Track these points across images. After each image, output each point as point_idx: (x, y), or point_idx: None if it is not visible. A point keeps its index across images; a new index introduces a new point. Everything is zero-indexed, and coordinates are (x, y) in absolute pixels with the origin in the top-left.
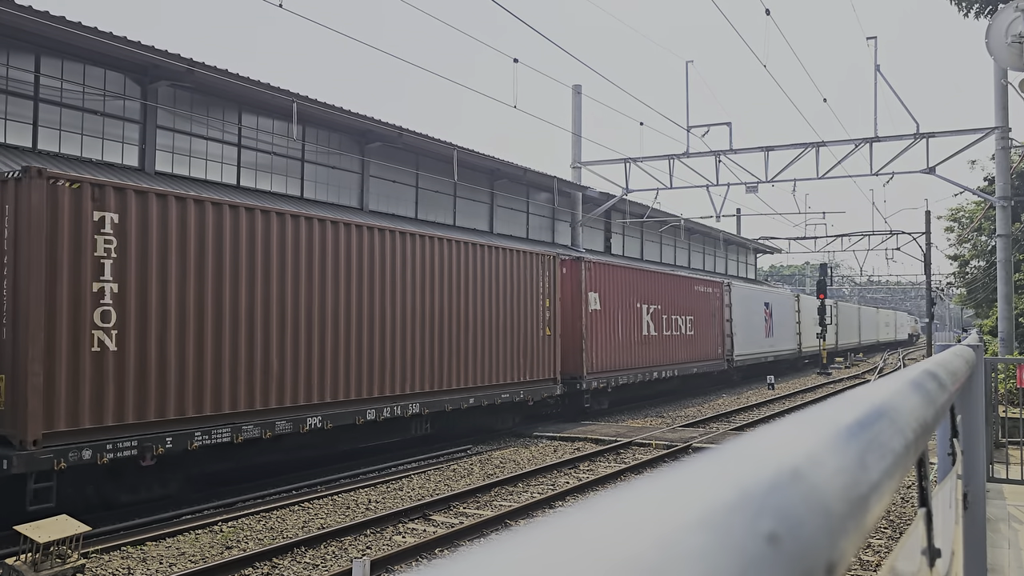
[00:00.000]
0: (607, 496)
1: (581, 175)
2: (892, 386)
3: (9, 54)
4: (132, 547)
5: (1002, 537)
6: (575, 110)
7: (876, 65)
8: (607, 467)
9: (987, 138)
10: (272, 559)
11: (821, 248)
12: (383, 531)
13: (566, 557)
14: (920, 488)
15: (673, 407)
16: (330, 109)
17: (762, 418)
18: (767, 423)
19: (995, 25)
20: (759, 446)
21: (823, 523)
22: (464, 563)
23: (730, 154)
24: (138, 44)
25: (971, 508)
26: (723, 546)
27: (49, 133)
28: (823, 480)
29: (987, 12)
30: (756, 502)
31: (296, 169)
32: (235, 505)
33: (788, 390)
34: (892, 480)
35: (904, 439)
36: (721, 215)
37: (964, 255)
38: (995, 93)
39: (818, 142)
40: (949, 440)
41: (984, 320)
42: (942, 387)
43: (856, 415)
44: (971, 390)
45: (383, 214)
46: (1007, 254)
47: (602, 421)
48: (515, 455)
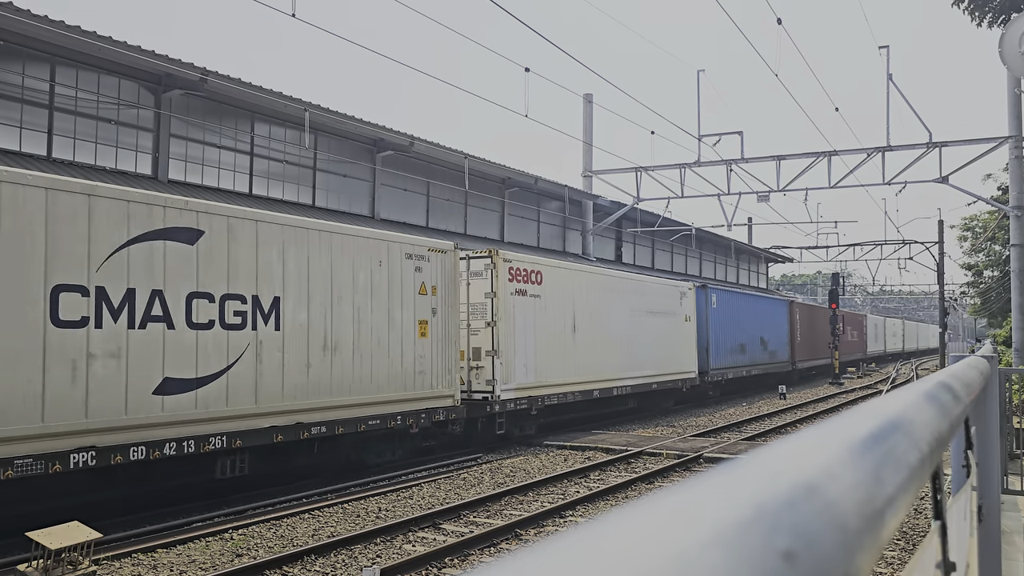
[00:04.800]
0: (621, 511)
1: (592, 184)
2: (906, 398)
3: (25, 63)
4: (143, 554)
5: (1017, 550)
6: (586, 119)
7: (888, 74)
8: (618, 476)
9: (1000, 147)
10: (283, 567)
11: (833, 257)
12: (393, 539)
13: (581, 574)
14: (935, 501)
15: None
16: (342, 118)
17: (775, 427)
18: (780, 435)
19: (1009, 34)
20: (774, 460)
21: (839, 539)
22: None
23: (741, 163)
24: (152, 53)
25: (986, 520)
26: (739, 563)
27: (64, 141)
28: (839, 495)
29: (1000, 21)
30: (772, 518)
31: (308, 178)
32: (245, 513)
33: (800, 400)
34: (907, 494)
35: (919, 452)
36: (733, 224)
37: (978, 265)
38: (1008, 102)
39: (830, 151)
40: (963, 452)
41: (998, 330)
42: (956, 399)
43: (871, 428)
44: (985, 401)
45: (394, 223)
46: (1022, 264)
47: (612, 430)
48: (525, 464)
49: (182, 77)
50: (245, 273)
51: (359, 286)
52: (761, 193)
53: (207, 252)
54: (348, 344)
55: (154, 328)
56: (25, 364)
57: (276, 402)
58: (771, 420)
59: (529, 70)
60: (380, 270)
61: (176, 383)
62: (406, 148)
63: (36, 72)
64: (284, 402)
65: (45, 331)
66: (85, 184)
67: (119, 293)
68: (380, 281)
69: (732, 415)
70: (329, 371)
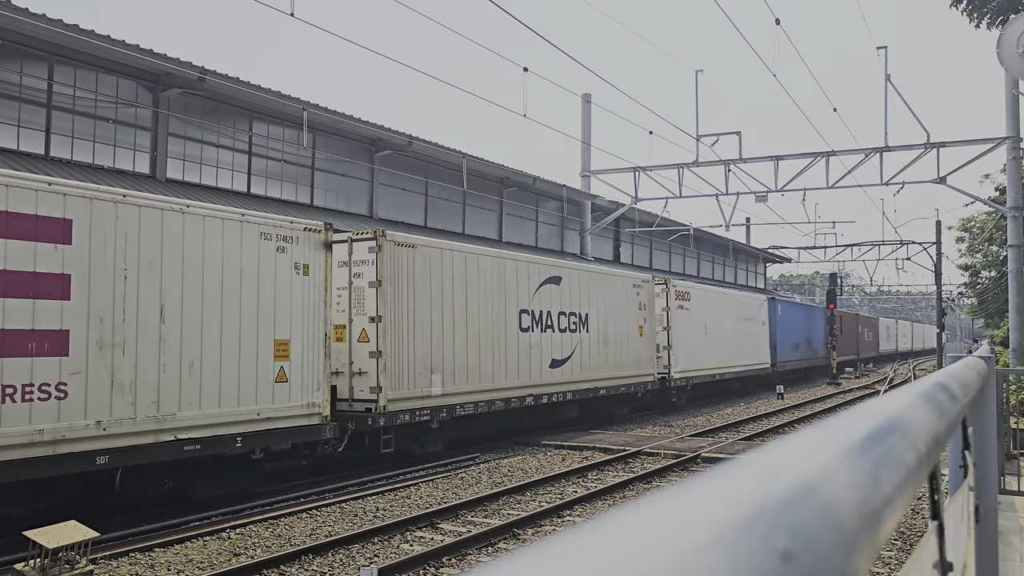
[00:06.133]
0: (618, 512)
1: (590, 184)
2: (904, 399)
3: (23, 62)
4: (140, 553)
5: (1014, 550)
6: (584, 119)
7: (887, 75)
8: (615, 476)
9: (998, 148)
10: (280, 566)
11: (831, 258)
12: (391, 539)
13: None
14: (932, 501)
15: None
16: (340, 117)
17: (772, 427)
18: (778, 435)
19: (1006, 35)
20: (771, 461)
21: (837, 539)
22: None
23: (739, 163)
24: (150, 52)
25: (983, 521)
26: (737, 564)
27: (62, 140)
28: (836, 496)
29: (999, 22)
30: (770, 519)
31: (306, 177)
32: (243, 512)
33: (798, 400)
34: (905, 494)
35: (917, 453)
36: (730, 224)
37: (975, 265)
38: (1006, 103)
39: (828, 151)
40: (961, 452)
41: (995, 331)
42: (954, 399)
43: (868, 429)
44: (982, 402)
45: (392, 222)
46: (1018, 264)
47: (610, 431)
48: (523, 463)
49: (180, 76)
50: (576, 299)
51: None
52: (759, 193)
53: (568, 290)
54: (616, 340)
55: (548, 333)
56: (499, 355)
57: (588, 374)
58: (770, 419)
59: (527, 70)
60: (635, 298)
61: (556, 361)
62: (404, 147)
63: (34, 71)
64: (590, 374)
65: (518, 337)
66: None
67: (540, 312)
68: (626, 303)
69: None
70: (606, 357)
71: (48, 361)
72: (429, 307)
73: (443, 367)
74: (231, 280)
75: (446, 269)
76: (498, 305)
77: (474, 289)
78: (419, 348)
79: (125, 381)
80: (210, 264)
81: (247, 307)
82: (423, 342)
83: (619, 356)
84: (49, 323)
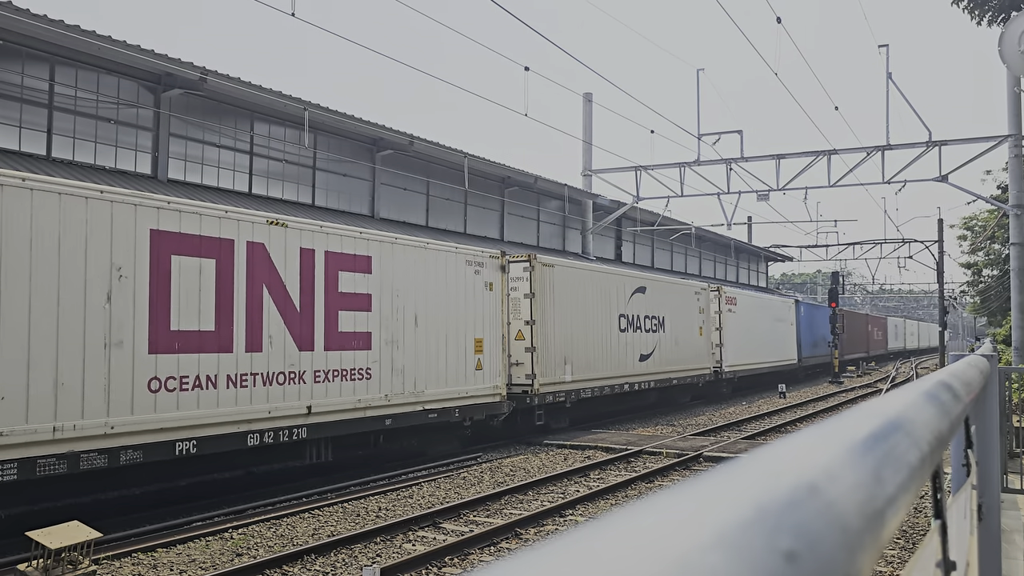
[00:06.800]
0: (621, 513)
1: (592, 183)
2: (906, 398)
3: (24, 63)
4: (143, 553)
5: (1017, 548)
6: (586, 118)
7: (888, 73)
8: (618, 475)
9: (1000, 146)
10: (282, 566)
11: (833, 256)
12: (393, 539)
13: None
14: (935, 500)
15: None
16: (341, 117)
17: (774, 426)
18: (781, 435)
19: (1008, 33)
20: (775, 461)
21: (841, 539)
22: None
23: (741, 162)
24: (151, 52)
25: (986, 519)
26: (741, 564)
27: (63, 141)
28: (840, 495)
29: (1000, 20)
30: (773, 519)
31: (308, 177)
32: (245, 512)
33: (800, 399)
34: (908, 494)
35: (920, 452)
36: (732, 223)
37: (977, 263)
38: (1008, 101)
39: (829, 150)
40: (963, 451)
41: (997, 329)
42: (957, 398)
43: (871, 428)
44: (985, 400)
45: (394, 222)
46: (1021, 263)
47: (612, 429)
48: (525, 463)
49: (182, 76)
50: (656, 305)
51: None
52: (761, 192)
53: (651, 297)
54: (683, 339)
55: (637, 333)
56: (606, 350)
57: (665, 366)
58: (771, 418)
59: (529, 69)
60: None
61: (643, 356)
62: (406, 147)
63: (35, 71)
64: (666, 366)
65: (618, 336)
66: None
67: (632, 316)
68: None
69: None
70: (677, 353)
71: (361, 354)
72: (563, 312)
73: (572, 359)
74: (452, 296)
75: (570, 283)
76: (604, 311)
77: (589, 298)
78: (557, 344)
79: (399, 367)
80: (437, 285)
81: (460, 315)
82: (559, 340)
83: (686, 352)
84: (362, 327)
